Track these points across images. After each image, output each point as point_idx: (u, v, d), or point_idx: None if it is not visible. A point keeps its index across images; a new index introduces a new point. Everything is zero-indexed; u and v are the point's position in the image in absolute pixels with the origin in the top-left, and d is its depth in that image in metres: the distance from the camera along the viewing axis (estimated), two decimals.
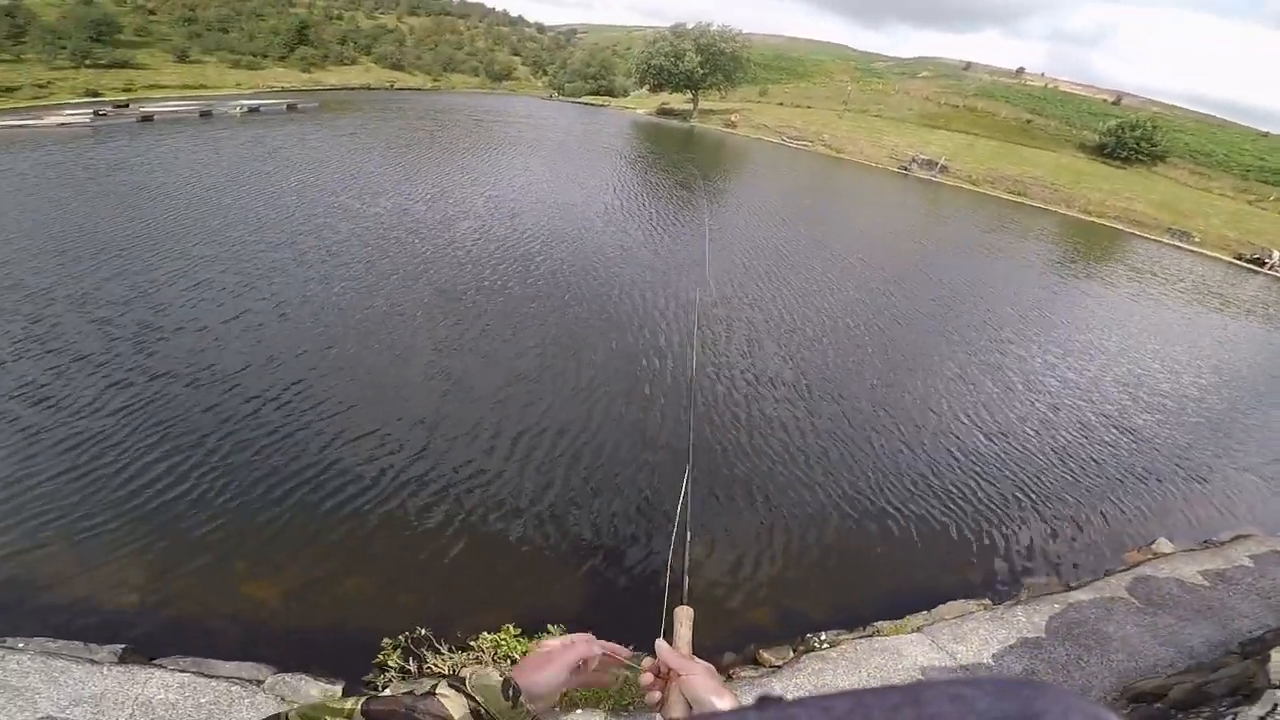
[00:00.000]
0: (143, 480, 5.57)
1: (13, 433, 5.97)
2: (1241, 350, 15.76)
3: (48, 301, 8.54)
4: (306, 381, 7.45)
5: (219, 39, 48.64)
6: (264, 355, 7.91)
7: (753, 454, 7.23)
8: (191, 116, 26.87)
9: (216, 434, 6.29)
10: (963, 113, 62.65)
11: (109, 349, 7.62)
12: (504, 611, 4.36)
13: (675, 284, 12.43)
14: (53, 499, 5.24)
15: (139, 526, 5.08)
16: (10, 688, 3.28)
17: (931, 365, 10.76)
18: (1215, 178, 52.35)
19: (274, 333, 8.57)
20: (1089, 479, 7.92)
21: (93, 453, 5.84)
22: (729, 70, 54.31)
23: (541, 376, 8.33)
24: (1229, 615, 5.08)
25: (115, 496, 5.37)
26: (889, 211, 28.81)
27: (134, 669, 3.55)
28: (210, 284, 9.67)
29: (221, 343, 8.08)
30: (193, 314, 8.75)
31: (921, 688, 0.29)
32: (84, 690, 3.35)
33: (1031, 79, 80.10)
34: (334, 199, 15.36)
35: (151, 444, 6.03)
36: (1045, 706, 0.27)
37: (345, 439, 6.51)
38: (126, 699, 3.35)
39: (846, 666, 4.23)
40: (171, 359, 7.56)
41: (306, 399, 7.11)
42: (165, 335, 8.08)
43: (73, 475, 5.54)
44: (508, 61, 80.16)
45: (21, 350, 7.36)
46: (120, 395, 6.76)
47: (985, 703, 0.28)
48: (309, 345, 8.29)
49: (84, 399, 6.62)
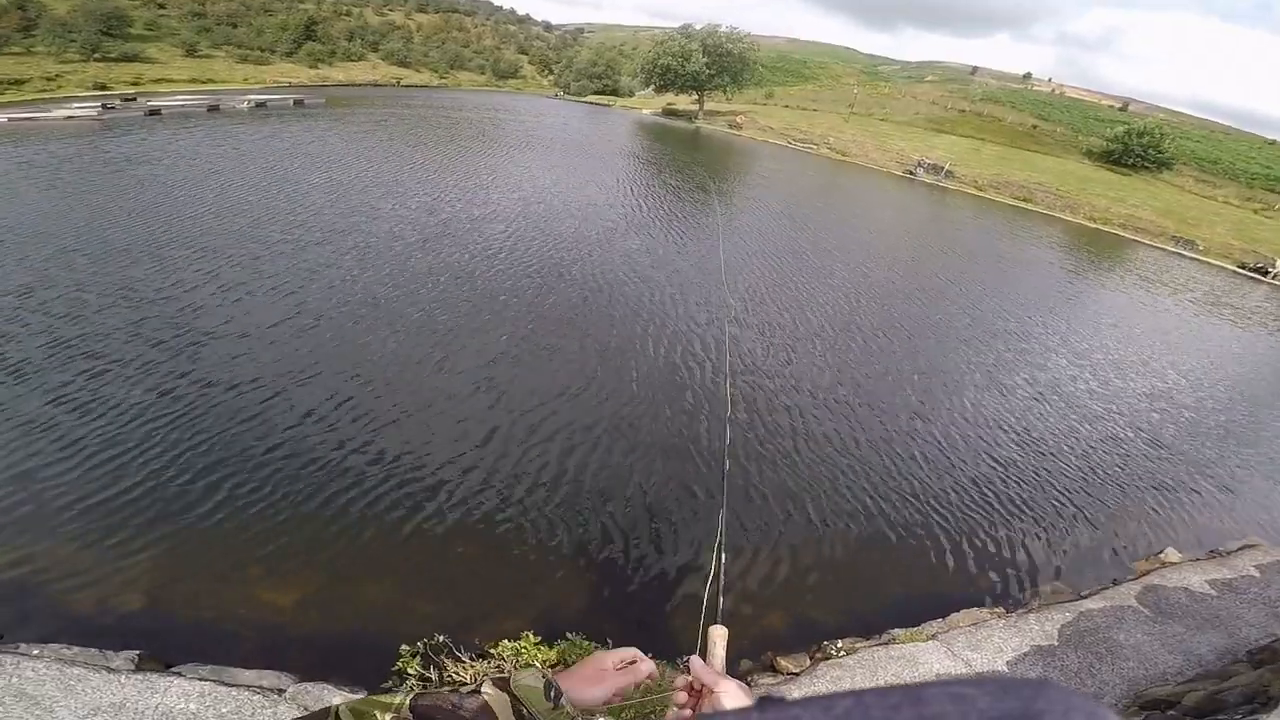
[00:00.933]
0: (156, 483, 5.55)
1: (23, 433, 5.96)
2: (1249, 361, 15.81)
3: (68, 301, 8.57)
4: (331, 385, 7.45)
5: (227, 34, 48.86)
6: (283, 357, 7.92)
7: (769, 460, 7.28)
8: (199, 111, 26.95)
9: (232, 436, 6.28)
10: (969, 117, 62.63)
11: (125, 347, 7.64)
12: (524, 620, 4.33)
13: (702, 289, 12.55)
14: (65, 502, 5.22)
15: (152, 530, 5.06)
16: (27, 696, 3.21)
17: (952, 375, 10.81)
18: (1220, 185, 52.27)
19: (295, 333, 8.57)
20: (1099, 487, 7.96)
21: (105, 454, 5.83)
22: (736, 72, 54.27)
23: (573, 385, 8.32)
24: (1236, 624, 5.11)
25: (127, 500, 5.34)
26: (897, 215, 28.84)
27: (152, 677, 3.48)
28: (234, 284, 9.73)
29: (243, 343, 8.10)
30: (211, 314, 8.78)
31: (922, 687, 0.29)
32: (102, 699, 3.27)
33: (1038, 84, 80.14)
34: (362, 198, 15.40)
35: (164, 447, 6.02)
36: (1046, 705, 0.27)
37: (366, 443, 6.50)
38: (146, 708, 3.26)
39: (863, 674, 4.25)
40: (188, 361, 7.56)
41: (330, 402, 7.11)
42: (183, 334, 8.10)
43: (84, 477, 5.52)
44: (514, 60, 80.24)
45: (36, 347, 7.39)
46: (135, 396, 6.75)
47: (986, 702, 0.28)
48: (334, 349, 8.28)
49: (101, 399, 6.63)
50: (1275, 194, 49.30)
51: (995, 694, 0.28)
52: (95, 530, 4.99)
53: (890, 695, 0.29)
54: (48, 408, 6.35)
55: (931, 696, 0.28)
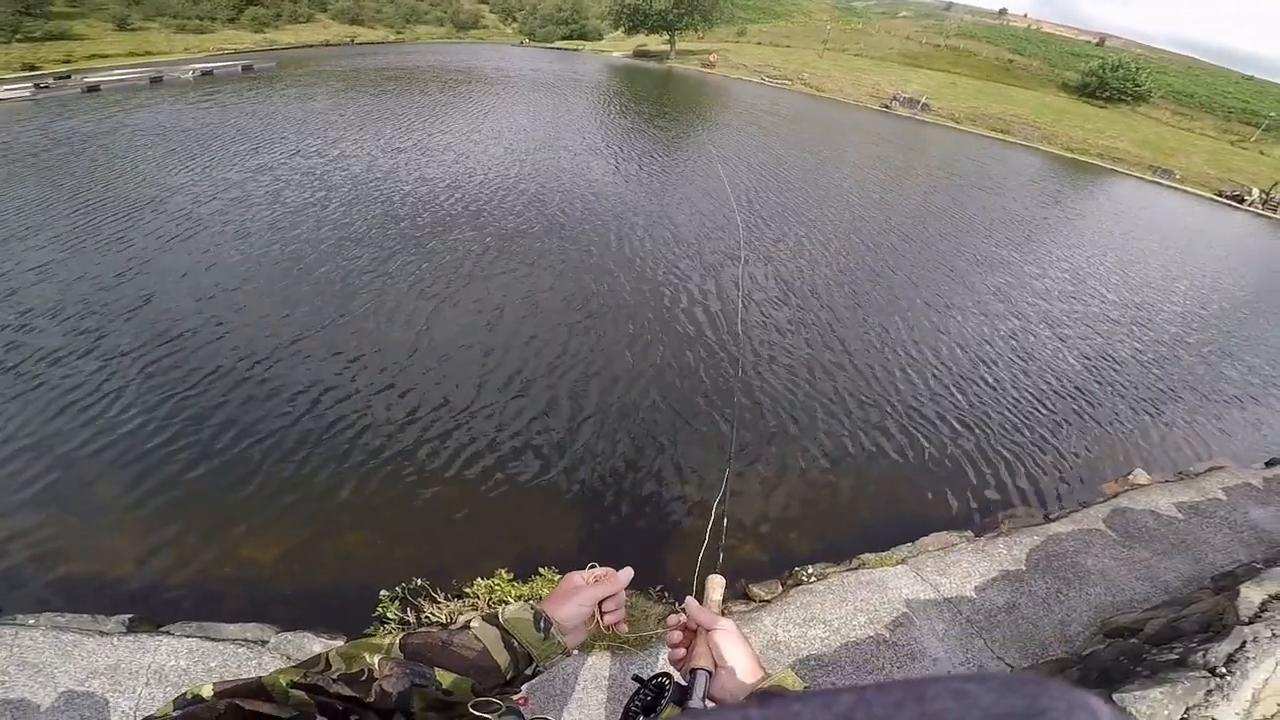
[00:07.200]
0: (135, 446, 5.49)
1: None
2: (1228, 280, 15.94)
3: (40, 274, 8.26)
4: (301, 334, 7.34)
5: (160, 4, 45.25)
6: (256, 310, 7.74)
7: (741, 388, 7.22)
8: (141, 83, 25.37)
9: (207, 396, 6.18)
10: (944, 52, 61.46)
11: (101, 309, 7.48)
12: (505, 559, 4.35)
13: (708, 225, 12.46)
14: (45, 470, 5.19)
15: (134, 494, 5.05)
16: (29, 664, 3.32)
17: (927, 298, 10.80)
18: (1197, 118, 52.17)
19: (265, 286, 8.38)
20: (1069, 407, 8.02)
21: (80, 420, 5.75)
22: (705, 10, 52.41)
23: (566, 318, 8.30)
24: (1202, 549, 5.11)
25: (107, 465, 5.30)
26: (878, 144, 28.25)
27: (143, 638, 3.59)
28: (200, 237, 9.25)
29: (214, 300, 7.88)
30: (184, 269, 8.59)
31: (925, 684, 0.29)
32: (98, 662, 3.40)
33: (1014, 19, 78.62)
34: (316, 160, 14.37)
35: (139, 410, 5.92)
36: (1049, 702, 0.27)
37: (342, 391, 6.42)
38: (140, 668, 3.39)
39: (833, 600, 4.26)
40: (161, 320, 7.39)
41: (299, 351, 7.02)
42: (155, 296, 7.89)
43: (63, 445, 5.46)
44: (474, 9, 76.38)
45: (20, 313, 7.27)
46: (112, 359, 6.62)
47: (989, 699, 0.27)
48: (303, 299, 8.12)
49: (74, 362, 6.50)
50: (1251, 126, 49.36)
51: (998, 690, 0.28)
52: (78, 498, 4.99)
53: (891, 691, 0.29)
54: (23, 381, 6.20)
55: (934, 693, 0.28)
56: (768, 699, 0.32)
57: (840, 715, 0.29)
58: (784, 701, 0.31)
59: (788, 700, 0.31)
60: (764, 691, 0.94)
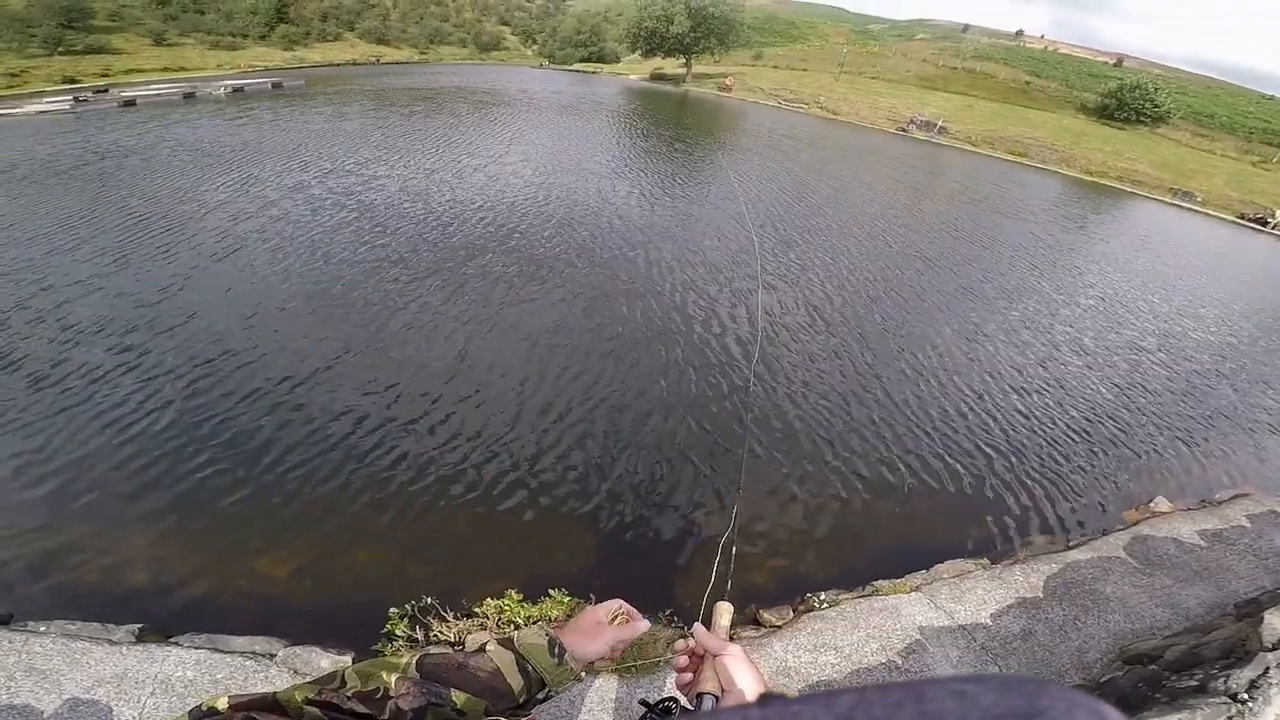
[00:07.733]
0: (152, 458, 5.58)
1: (19, 411, 6.01)
2: (1256, 306, 15.63)
3: (87, 287, 8.45)
4: (337, 357, 7.42)
5: (195, 20, 47.35)
6: (274, 329, 7.85)
7: (755, 410, 7.20)
8: (175, 98, 26.23)
9: (227, 410, 6.28)
10: (961, 74, 61.57)
11: (145, 325, 7.67)
12: (514, 579, 4.36)
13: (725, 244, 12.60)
14: (63, 480, 5.28)
15: (151, 504, 5.12)
16: (36, 671, 3.37)
17: (950, 323, 10.72)
18: (1218, 139, 51.61)
19: (303, 306, 8.51)
20: (1089, 435, 7.87)
21: (100, 431, 5.85)
22: (721, 34, 52.97)
23: (581, 344, 8.31)
24: (1225, 576, 5.00)
25: (125, 474, 5.39)
26: (896, 168, 28.24)
27: (151, 648, 3.62)
28: (228, 256, 9.48)
29: (254, 319, 8.04)
30: (226, 285, 8.80)
31: (925, 684, 0.29)
32: (105, 670, 3.43)
33: (1030, 40, 78.71)
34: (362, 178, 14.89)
35: (160, 422, 6.04)
36: (1049, 703, 0.27)
37: (361, 413, 6.48)
38: (146, 678, 3.42)
39: (845, 626, 4.21)
40: (200, 338, 7.54)
41: (322, 372, 7.09)
42: (180, 312, 8.03)
43: (81, 455, 5.56)
44: (496, 31, 78.40)
45: (34, 324, 7.46)
46: (131, 371, 6.76)
47: (989, 699, 0.27)
48: (328, 321, 8.23)
49: (95, 376, 6.63)
50: (1273, 147, 48.76)
51: (998, 691, 0.28)
52: (95, 507, 5.05)
53: (892, 692, 0.29)
54: (40, 392, 6.35)
55: (934, 694, 0.28)
56: (768, 700, 0.31)
57: (840, 715, 0.29)
58: (784, 702, 0.31)
59: (788, 701, 0.31)
60: (766, 694, 0.94)
